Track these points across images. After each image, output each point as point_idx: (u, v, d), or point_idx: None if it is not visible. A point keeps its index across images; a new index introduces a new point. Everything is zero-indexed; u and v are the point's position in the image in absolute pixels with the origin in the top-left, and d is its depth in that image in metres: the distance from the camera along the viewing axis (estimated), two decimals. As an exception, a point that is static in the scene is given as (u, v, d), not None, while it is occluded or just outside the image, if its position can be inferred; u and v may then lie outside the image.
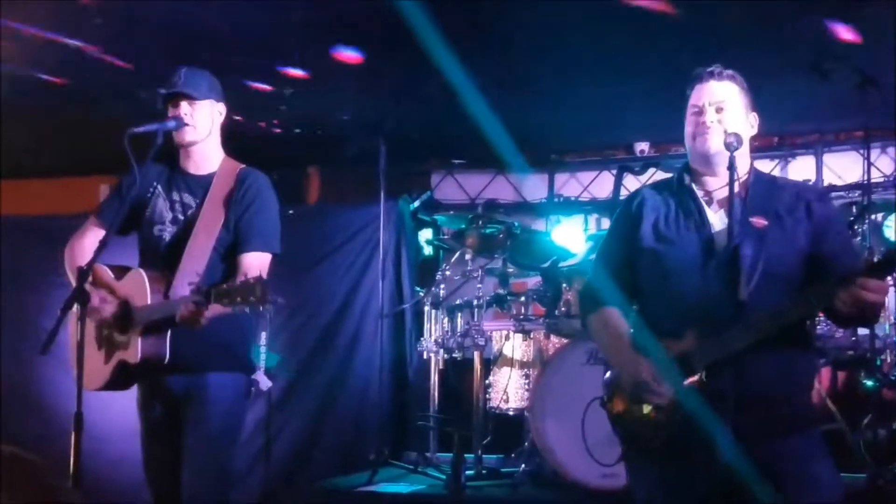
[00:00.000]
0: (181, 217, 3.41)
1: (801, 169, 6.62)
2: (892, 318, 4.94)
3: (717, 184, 2.76)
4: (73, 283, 3.32)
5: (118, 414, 3.97)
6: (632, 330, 2.79)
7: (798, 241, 2.68)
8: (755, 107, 2.84)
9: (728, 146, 2.67)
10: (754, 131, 2.84)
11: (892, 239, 5.93)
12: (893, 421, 4.78)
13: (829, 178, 6.49)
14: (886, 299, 4.51)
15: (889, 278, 5.07)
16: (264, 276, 3.21)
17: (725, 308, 2.57)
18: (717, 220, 2.73)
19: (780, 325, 2.52)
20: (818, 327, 4.78)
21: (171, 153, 3.49)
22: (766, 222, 2.68)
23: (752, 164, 2.83)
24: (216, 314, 3.11)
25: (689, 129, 2.79)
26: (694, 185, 2.81)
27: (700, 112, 2.76)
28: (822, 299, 2.52)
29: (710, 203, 2.78)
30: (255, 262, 3.30)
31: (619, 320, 2.82)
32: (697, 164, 2.82)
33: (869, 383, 4.89)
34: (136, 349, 3.22)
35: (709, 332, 2.58)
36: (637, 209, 2.84)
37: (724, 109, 2.75)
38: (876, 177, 5.84)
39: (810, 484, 2.59)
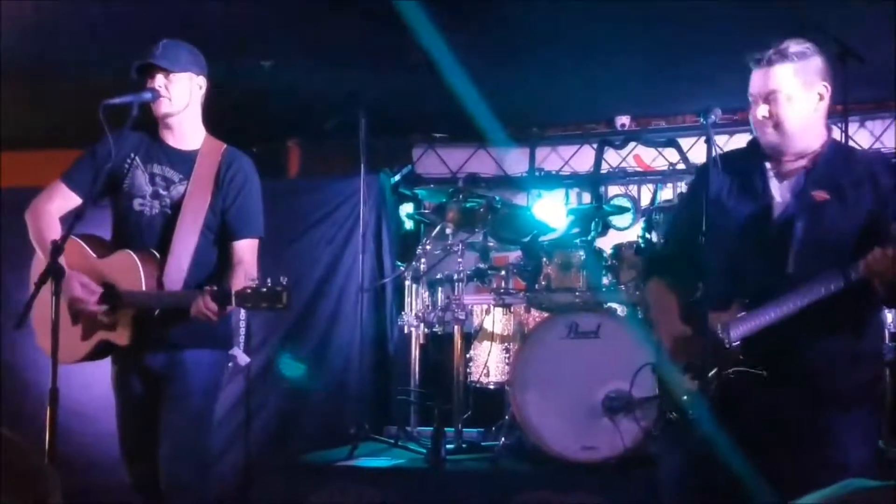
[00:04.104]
0: (163, 192, 3.37)
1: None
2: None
3: (787, 158, 2.74)
4: (38, 250, 3.25)
5: (95, 390, 3.93)
6: (687, 301, 2.79)
7: (859, 217, 2.64)
8: (825, 74, 2.76)
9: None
10: (825, 102, 2.76)
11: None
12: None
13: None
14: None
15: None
16: (255, 260, 3.32)
17: (772, 280, 2.59)
18: (780, 193, 2.72)
19: (813, 299, 2.51)
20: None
21: (149, 125, 3.44)
22: (827, 196, 2.65)
23: (829, 136, 2.78)
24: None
25: (749, 115, 2.78)
26: (765, 158, 2.79)
27: (753, 103, 2.75)
28: (853, 271, 2.49)
29: (777, 175, 2.76)
30: (249, 249, 3.38)
31: (667, 291, 2.83)
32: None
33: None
34: (125, 333, 3.21)
35: (755, 304, 2.59)
36: (706, 180, 2.80)
37: (775, 100, 2.69)
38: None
39: (832, 464, 2.52)
